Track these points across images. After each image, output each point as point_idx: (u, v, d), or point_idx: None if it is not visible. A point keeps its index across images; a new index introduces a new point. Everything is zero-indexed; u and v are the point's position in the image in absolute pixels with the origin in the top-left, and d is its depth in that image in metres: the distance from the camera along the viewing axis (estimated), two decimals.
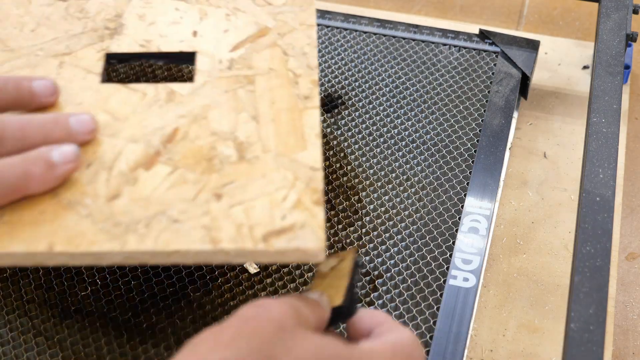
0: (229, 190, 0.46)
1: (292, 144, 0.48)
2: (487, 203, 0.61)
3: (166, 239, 0.44)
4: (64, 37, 0.53)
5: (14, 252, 0.44)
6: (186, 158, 0.47)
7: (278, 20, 0.54)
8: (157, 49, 0.53)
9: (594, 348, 0.47)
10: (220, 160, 0.47)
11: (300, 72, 0.51)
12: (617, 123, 0.58)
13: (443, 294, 0.56)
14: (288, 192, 0.46)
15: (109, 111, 0.50)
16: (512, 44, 0.71)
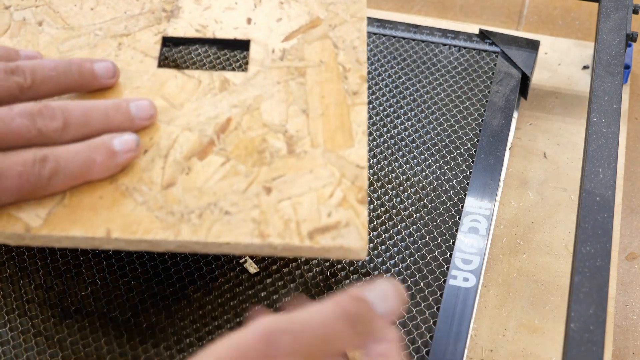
0: (278, 184, 0.47)
1: (340, 140, 0.49)
2: (487, 203, 0.61)
3: (217, 231, 0.45)
4: (123, 18, 0.55)
5: (73, 236, 0.45)
6: (238, 149, 0.49)
7: (329, 12, 0.55)
8: (212, 35, 0.54)
9: (594, 348, 0.47)
10: (270, 153, 0.49)
11: (349, 67, 0.52)
12: (617, 123, 0.58)
13: (443, 294, 0.56)
14: (334, 189, 0.47)
15: (166, 97, 0.51)
16: (512, 44, 0.71)
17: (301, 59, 0.53)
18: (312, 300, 0.56)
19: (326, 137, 0.49)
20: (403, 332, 0.55)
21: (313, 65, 0.52)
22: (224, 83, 0.52)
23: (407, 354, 0.54)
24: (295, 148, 0.49)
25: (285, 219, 0.46)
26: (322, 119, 0.50)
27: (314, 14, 0.55)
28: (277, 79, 0.52)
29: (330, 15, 0.55)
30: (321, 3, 0.56)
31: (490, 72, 0.70)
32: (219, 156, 0.49)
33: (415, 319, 0.55)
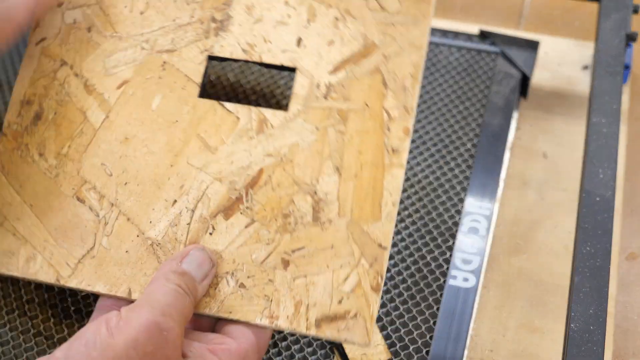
0: (296, 258, 0.47)
1: (368, 212, 0.48)
2: (487, 203, 0.61)
3: (230, 306, 0.47)
4: (171, 27, 0.53)
5: (97, 291, 0.48)
6: (264, 210, 0.49)
7: (387, 36, 0.51)
8: (259, 59, 0.52)
9: (594, 348, 0.47)
10: (295, 218, 0.48)
11: (394, 115, 0.50)
12: (617, 123, 0.58)
13: (443, 294, 0.56)
14: (350, 272, 0.47)
15: (202, 136, 0.51)
16: (512, 44, 0.71)
17: (346, 99, 0.50)
18: None
19: (355, 205, 0.48)
20: (403, 332, 0.55)
21: (356, 109, 0.50)
22: (261, 124, 0.50)
23: (407, 354, 0.54)
24: (321, 215, 0.48)
25: (297, 300, 0.47)
26: (355, 181, 0.49)
27: (369, 39, 0.51)
28: (317, 124, 0.50)
29: (386, 41, 0.51)
30: (380, 22, 0.52)
31: (490, 72, 0.70)
32: (245, 216, 0.49)
33: (415, 319, 0.55)
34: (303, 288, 0.47)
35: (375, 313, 0.46)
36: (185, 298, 0.44)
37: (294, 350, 0.54)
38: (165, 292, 0.43)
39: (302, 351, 0.54)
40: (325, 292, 0.47)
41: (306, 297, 0.47)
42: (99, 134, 0.52)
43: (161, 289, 0.43)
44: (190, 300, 0.44)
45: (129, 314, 0.41)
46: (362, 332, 0.46)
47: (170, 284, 0.44)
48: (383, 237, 0.48)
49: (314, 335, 0.46)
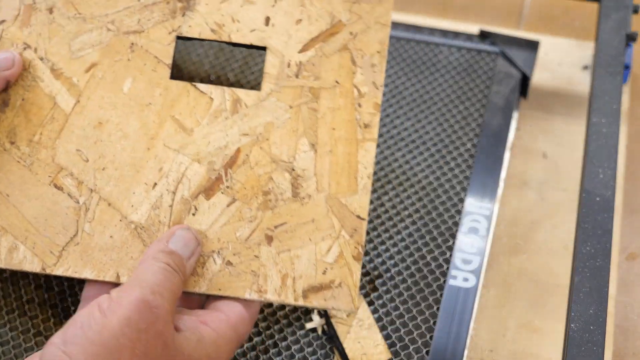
0: (279, 233, 0.49)
1: (345, 185, 0.50)
2: (487, 203, 0.61)
3: (218, 283, 0.48)
4: (137, 7, 0.53)
5: (85, 277, 0.48)
6: (244, 189, 0.50)
7: (353, 14, 0.53)
8: (228, 38, 0.53)
9: (594, 348, 0.47)
10: (275, 195, 0.49)
11: (364, 91, 0.51)
12: (617, 123, 0.58)
13: (443, 294, 0.56)
14: (332, 243, 0.49)
15: (177, 118, 0.51)
16: (512, 44, 0.71)
17: (317, 77, 0.51)
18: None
19: (331, 179, 0.50)
20: (403, 332, 0.55)
21: (327, 87, 0.51)
22: (235, 104, 0.51)
23: (407, 354, 0.54)
24: (300, 191, 0.49)
25: (283, 273, 0.48)
26: (330, 156, 0.50)
27: (336, 17, 0.53)
28: (290, 102, 0.51)
29: (352, 19, 0.53)
30: (345, 1, 0.53)
31: (490, 72, 0.70)
32: (226, 195, 0.49)
33: (415, 319, 0.55)
34: (288, 261, 0.48)
35: (357, 281, 0.48)
36: (174, 276, 0.45)
37: (294, 350, 0.54)
38: (154, 271, 0.44)
39: (302, 351, 0.54)
40: (309, 264, 0.48)
41: (292, 270, 0.48)
42: (71, 119, 0.51)
43: (150, 269, 0.44)
44: (179, 277, 0.45)
45: (119, 294, 0.43)
46: (347, 299, 0.48)
47: (158, 263, 0.45)
48: (361, 209, 0.49)
49: (301, 305, 0.48)
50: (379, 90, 0.52)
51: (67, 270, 0.49)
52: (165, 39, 0.52)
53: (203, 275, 0.48)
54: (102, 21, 0.53)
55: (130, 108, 0.51)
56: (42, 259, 0.49)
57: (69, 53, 0.52)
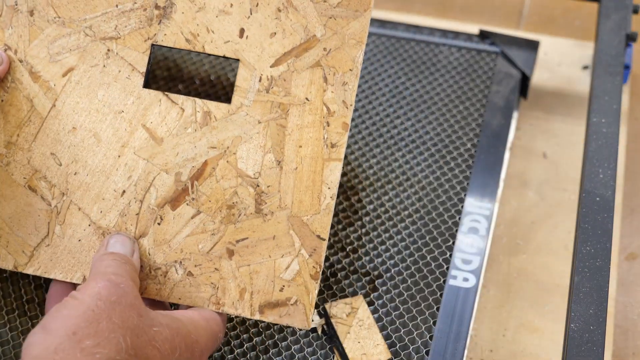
0: (240, 248, 0.50)
1: (307, 204, 0.51)
2: (487, 203, 0.61)
3: (179, 292, 0.50)
4: (114, 13, 0.53)
5: (54, 277, 0.50)
6: (209, 202, 0.51)
7: (328, 29, 0.52)
8: (202, 49, 0.53)
9: (594, 348, 0.47)
10: (239, 209, 0.50)
11: (334, 109, 0.51)
12: (617, 123, 0.58)
13: (443, 294, 0.56)
14: (291, 262, 0.50)
15: (148, 126, 0.51)
16: (512, 44, 0.71)
17: (287, 93, 0.51)
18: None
19: (295, 198, 0.50)
20: (403, 332, 0.55)
21: (297, 103, 0.51)
22: (205, 116, 0.51)
23: (407, 354, 0.54)
24: (263, 207, 0.50)
25: (241, 287, 0.50)
26: (295, 174, 0.51)
27: (311, 32, 0.52)
28: (259, 117, 0.51)
29: (327, 35, 0.52)
30: (321, 15, 0.52)
31: (490, 72, 0.70)
32: (191, 207, 0.50)
33: (415, 319, 0.55)
34: (247, 276, 0.50)
35: (314, 300, 0.50)
36: (126, 264, 0.47)
37: (294, 350, 0.54)
38: (107, 264, 0.46)
39: (302, 351, 0.54)
40: (267, 280, 0.50)
41: (250, 284, 0.50)
42: (47, 122, 0.52)
43: (102, 264, 0.46)
44: (131, 266, 0.47)
45: (84, 284, 0.44)
46: (301, 317, 0.50)
47: (107, 260, 0.47)
48: (321, 229, 0.50)
49: (257, 319, 0.49)
50: (349, 110, 0.51)
51: (37, 270, 0.50)
52: (140, 47, 0.53)
53: (165, 284, 0.50)
54: (80, 26, 0.53)
55: (103, 115, 0.52)
56: (14, 257, 0.51)
57: (47, 56, 0.53)
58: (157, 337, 0.43)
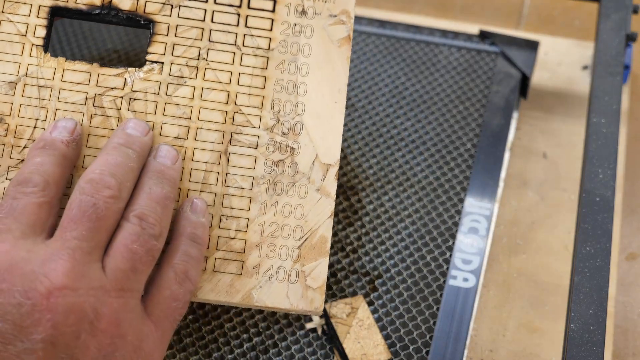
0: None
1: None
2: (487, 203, 0.61)
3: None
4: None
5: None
6: None
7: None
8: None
9: (594, 348, 0.47)
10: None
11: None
12: (617, 123, 0.58)
13: (443, 294, 0.56)
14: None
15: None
16: (512, 44, 0.71)
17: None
18: None
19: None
20: (403, 332, 0.55)
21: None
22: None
23: (407, 354, 0.54)
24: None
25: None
26: None
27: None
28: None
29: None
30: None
31: (490, 72, 0.70)
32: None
33: (415, 319, 0.55)
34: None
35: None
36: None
37: (294, 350, 0.54)
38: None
39: (302, 351, 0.54)
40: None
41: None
42: None
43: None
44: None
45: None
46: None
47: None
48: None
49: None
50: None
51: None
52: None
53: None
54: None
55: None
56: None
57: None
58: None
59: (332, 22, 0.47)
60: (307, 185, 0.45)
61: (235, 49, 0.47)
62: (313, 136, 0.46)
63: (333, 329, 0.54)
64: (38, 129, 0.45)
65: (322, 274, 0.44)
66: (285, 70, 0.47)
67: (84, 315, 0.37)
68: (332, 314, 0.55)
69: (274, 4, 0.47)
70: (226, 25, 0.47)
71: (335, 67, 0.47)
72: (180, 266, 0.41)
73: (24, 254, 0.38)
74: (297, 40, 0.47)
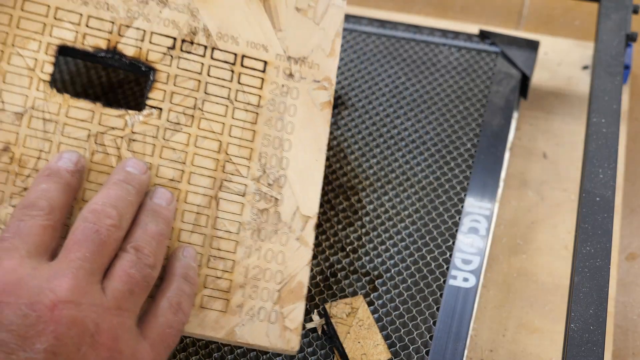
0: None
1: None
2: (487, 203, 0.61)
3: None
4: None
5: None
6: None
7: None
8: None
9: (594, 348, 0.47)
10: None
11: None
12: (617, 123, 0.58)
13: (443, 294, 0.56)
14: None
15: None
16: (512, 44, 0.71)
17: None
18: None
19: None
20: (403, 332, 0.55)
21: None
22: None
23: (407, 354, 0.54)
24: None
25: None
26: None
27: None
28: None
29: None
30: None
31: (490, 72, 0.70)
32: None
33: (415, 319, 0.55)
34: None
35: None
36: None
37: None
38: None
39: (302, 351, 0.54)
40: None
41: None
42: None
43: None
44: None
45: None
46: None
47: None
48: None
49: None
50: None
51: None
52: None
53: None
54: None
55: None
56: None
57: None
58: None
59: (315, 86, 0.51)
60: (288, 234, 0.48)
61: (228, 102, 0.49)
62: (295, 189, 0.49)
63: (333, 329, 0.54)
64: (42, 160, 0.46)
65: (299, 316, 0.48)
66: (272, 126, 0.49)
67: (86, 328, 0.39)
68: (332, 314, 0.55)
69: (264, 65, 0.50)
70: (221, 80, 0.50)
71: (317, 129, 0.50)
72: (174, 298, 0.44)
73: (30, 270, 0.40)
74: (284, 100, 0.50)
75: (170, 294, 0.44)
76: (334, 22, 0.52)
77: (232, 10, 0.50)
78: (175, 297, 0.44)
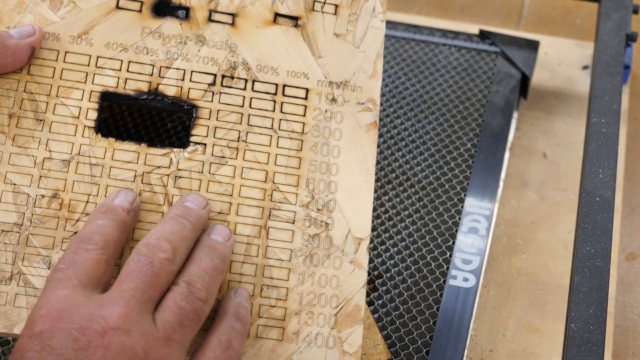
0: None
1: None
2: (487, 203, 0.61)
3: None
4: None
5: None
6: None
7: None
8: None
9: (594, 348, 0.47)
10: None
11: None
12: (617, 123, 0.58)
13: (443, 294, 0.56)
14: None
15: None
16: (512, 44, 0.71)
17: None
18: None
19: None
20: (403, 332, 0.55)
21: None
22: None
23: (407, 354, 0.54)
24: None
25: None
26: None
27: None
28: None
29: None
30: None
31: (490, 72, 0.70)
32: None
33: (415, 319, 0.55)
34: None
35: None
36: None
37: None
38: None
39: None
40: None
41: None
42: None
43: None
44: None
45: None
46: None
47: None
48: None
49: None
50: None
51: None
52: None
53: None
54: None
55: None
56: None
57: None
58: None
59: (359, 109, 0.51)
60: (341, 258, 0.48)
61: (272, 132, 0.50)
62: (345, 213, 0.49)
63: None
64: (90, 204, 0.47)
65: (358, 339, 0.47)
66: (318, 152, 0.50)
67: (135, 355, 0.39)
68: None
69: (306, 92, 0.50)
70: (263, 111, 0.50)
71: (364, 150, 0.50)
72: (224, 336, 0.44)
73: (82, 299, 0.41)
74: (329, 125, 0.50)
75: (220, 331, 0.44)
76: (374, 44, 0.52)
77: (271, 42, 0.51)
78: (226, 335, 0.44)
